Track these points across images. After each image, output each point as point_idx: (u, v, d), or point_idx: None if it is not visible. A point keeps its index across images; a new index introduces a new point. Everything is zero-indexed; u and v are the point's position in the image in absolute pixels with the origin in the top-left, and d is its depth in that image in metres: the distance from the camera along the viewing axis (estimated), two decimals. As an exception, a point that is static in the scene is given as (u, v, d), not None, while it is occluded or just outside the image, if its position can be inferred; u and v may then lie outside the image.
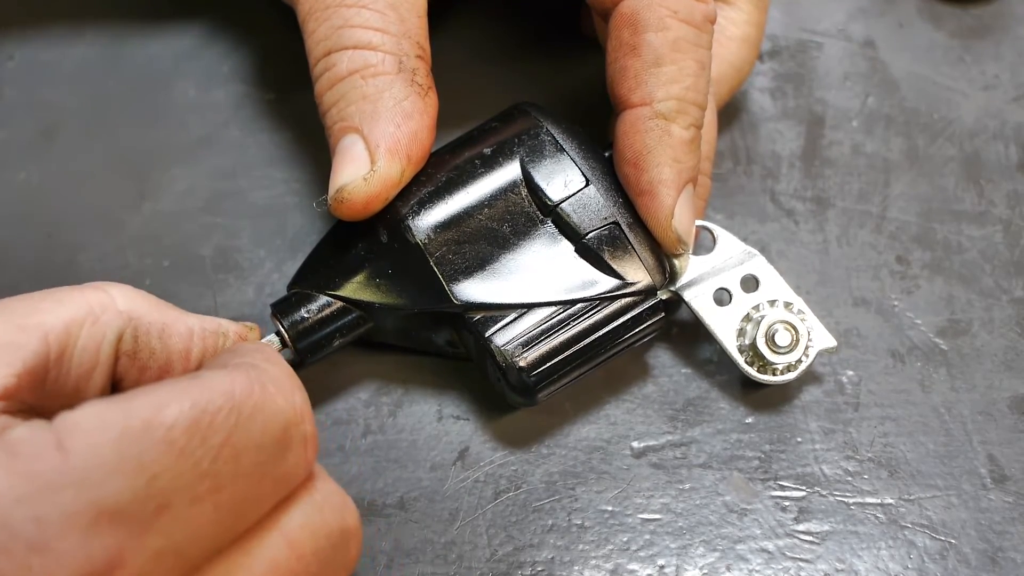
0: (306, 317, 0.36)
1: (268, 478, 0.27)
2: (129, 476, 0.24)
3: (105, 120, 0.44)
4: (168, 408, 0.25)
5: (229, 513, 0.26)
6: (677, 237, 0.36)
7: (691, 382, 0.40)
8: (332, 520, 0.28)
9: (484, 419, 0.39)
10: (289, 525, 0.27)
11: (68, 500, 0.23)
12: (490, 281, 0.36)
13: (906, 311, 0.41)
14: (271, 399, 0.27)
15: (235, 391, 0.26)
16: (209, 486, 0.25)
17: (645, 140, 0.35)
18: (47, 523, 0.23)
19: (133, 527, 0.24)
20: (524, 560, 0.36)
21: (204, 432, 0.25)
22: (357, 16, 0.36)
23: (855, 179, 0.45)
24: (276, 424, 0.27)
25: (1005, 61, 0.48)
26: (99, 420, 0.24)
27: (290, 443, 0.27)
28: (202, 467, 0.25)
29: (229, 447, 0.25)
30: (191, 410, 0.25)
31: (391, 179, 0.35)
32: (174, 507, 0.24)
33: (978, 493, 0.38)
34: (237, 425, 0.26)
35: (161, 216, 0.42)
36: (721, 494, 0.38)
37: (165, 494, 0.24)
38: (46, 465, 0.23)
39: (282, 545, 0.27)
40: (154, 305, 0.32)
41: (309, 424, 0.28)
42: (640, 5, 0.36)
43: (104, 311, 0.30)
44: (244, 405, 0.26)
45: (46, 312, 0.28)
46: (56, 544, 0.23)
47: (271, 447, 0.26)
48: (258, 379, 0.27)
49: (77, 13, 0.47)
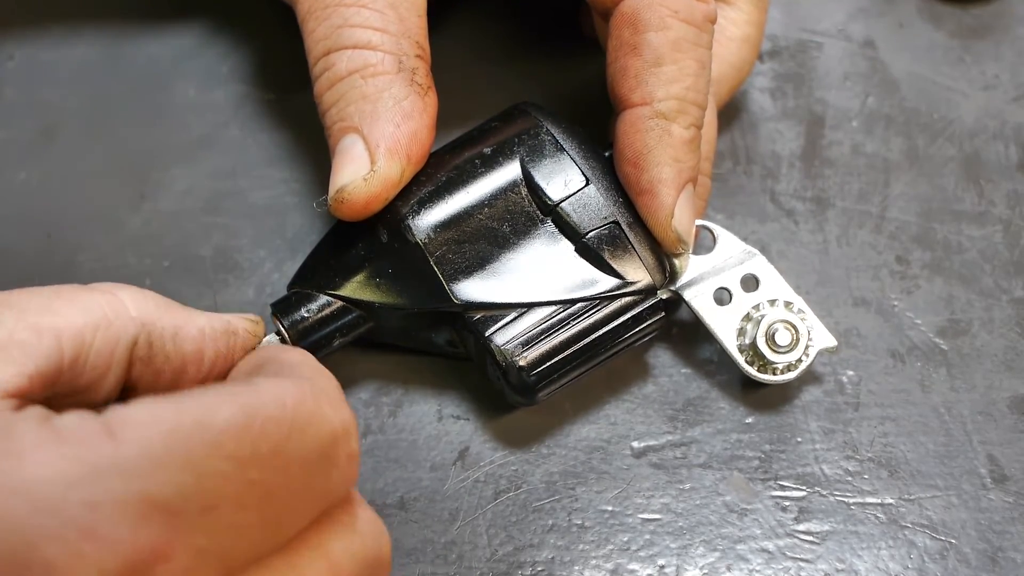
0: (306, 317, 0.36)
1: (313, 493, 0.26)
2: (178, 472, 0.24)
3: (105, 120, 0.44)
4: (220, 410, 0.25)
5: (273, 523, 0.25)
6: (677, 236, 0.36)
7: (691, 382, 0.40)
8: (371, 547, 0.28)
9: (484, 419, 0.39)
10: (330, 548, 0.27)
11: (119, 487, 0.23)
12: (490, 280, 0.36)
13: (906, 311, 0.41)
14: (322, 413, 0.27)
15: (287, 401, 0.26)
16: (257, 494, 0.25)
17: (645, 140, 0.35)
18: (99, 509, 0.23)
19: (180, 523, 0.23)
20: (524, 560, 0.36)
21: (254, 438, 0.25)
22: (356, 15, 0.36)
23: (855, 179, 0.45)
24: (325, 438, 0.26)
25: (1005, 61, 0.48)
26: (151, 414, 0.24)
27: (337, 459, 0.27)
28: (251, 474, 0.25)
29: (279, 457, 0.25)
30: (242, 414, 0.25)
31: (391, 179, 0.35)
32: (220, 510, 0.24)
33: (978, 493, 0.38)
34: (288, 436, 0.25)
35: (161, 216, 0.42)
36: (721, 494, 0.38)
37: (213, 495, 0.24)
38: (97, 452, 0.23)
39: (324, 567, 0.27)
40: (164, 307, 0.31)
41: (355, 442, 0.28)
42: (641, 5, 0.36)
43: (117, 317, 0.30)
44: (296, 416, 0.26)
45: (60, 314, 0.28)
46: (107, 531, 0.23)
47: (318, 461, 0.26)
48: (311, 391, 0.27)
49: (77, 13, 0.47)
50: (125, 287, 0.31)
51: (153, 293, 0.32)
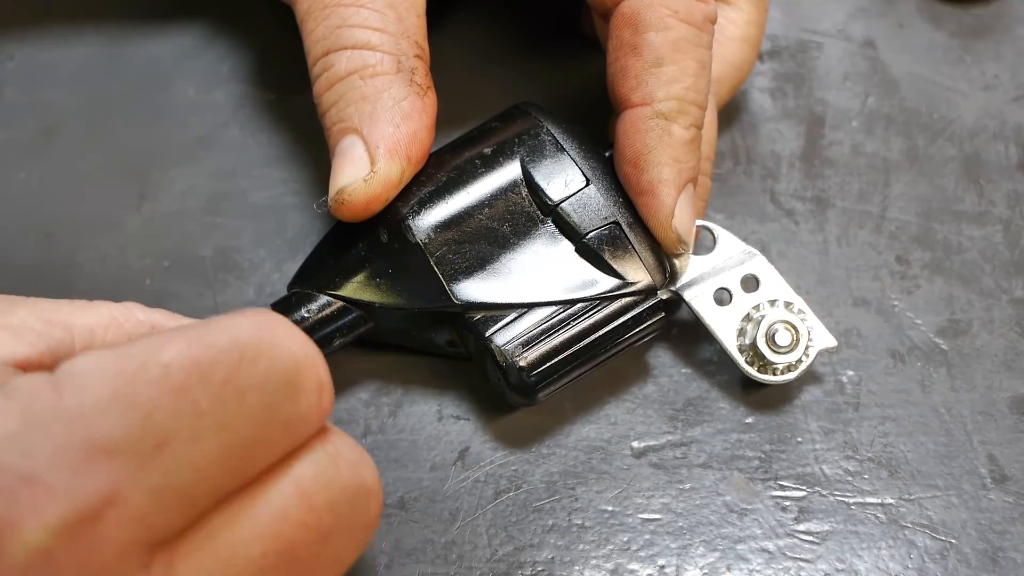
0: (306, 317, 0.36)
1: (277, 421, 0.26)
2: (123, 413, 0.23)
3: (105, 120, 0.44)
4: (165, 348, 0.24)
5: (234, 453, 0.25)
6: (677, 237, 0.36)
7: (691, 382, 0.40)
8: (348, 475, 0.27)
9: (484, 419, 0.39)
10: (300, 474, 0.26)
11: (59, 434, 0.23)
12: (490, 281, 0.36)
13: (906, 311, 0.41)
14: (280, 341, 0.26)
15: (239, 333, 0.25)
16: (211, 424, 0.24)
17: (645, 140, 0.35)
18: (36, 456, 0.22)
19: (129, 463, 0.23)
20: (524, 560, 0.36)
21: (204, 370, 0.24)
22: (355, 16, 0.36)
23: (855, 179, 0.45)
24: (286, 365, 0.26)
25: (1005, 61, 0.48)
26: (95, 363, 0.24)
27: (301, 387, 0.26)
28: (202, 405, 0.24)
29: (231, 385, 0.25)
30: (189, 348, 0.24)
31: (391, 180, 0.35)
32: (173, 444, 0.24)
33: (978, 493, 0.38)
34: (240, 363, 0.25)
35: (161, 216, 0.42)
36: (721, 494, 0.38)
37: (163, 431, 0.23)
38: (39, 404, 0.23)
39: (292, 493, 0.26)
40: (169, 316, 0.31)
41: (323, 372, 0.27)
42: (641, 5, 0.36)
43: (127, 320, 0.30)
44: (248, 344, 0.25)
45: (70, 313, 0.28)
46: (47, 477, 0.22)
47: (280, 388, 0.26)
48: (267, 323, 0.26)
49: (77, 13, 0.47)
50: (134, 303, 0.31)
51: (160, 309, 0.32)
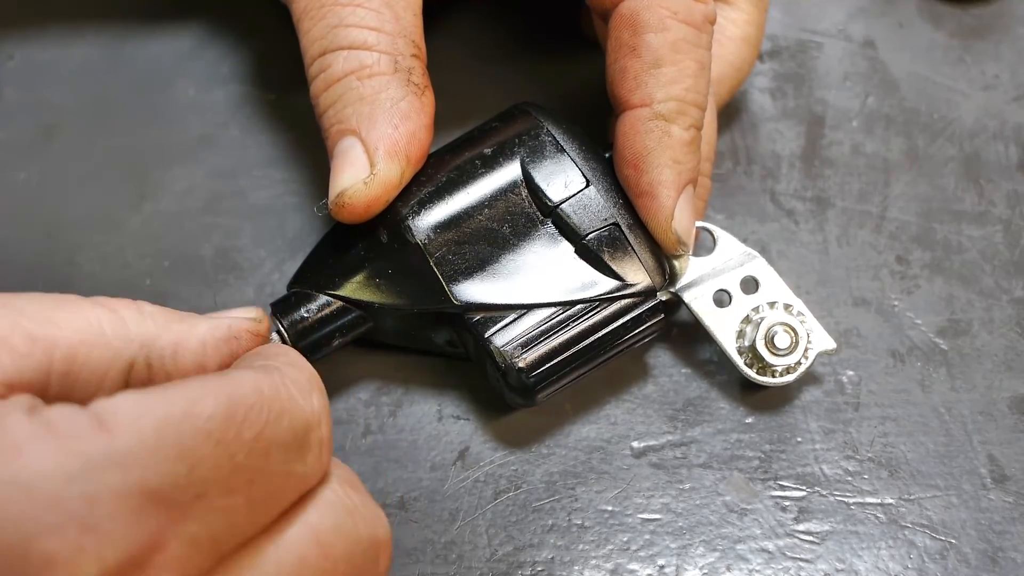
0: (306, 317, 0.36)
1: (292, 476, 0.27)
2: (172, 461, 0.24)
3: (105, 120, 0.44)
4: (205, 400, 0.25)
5: (259, 506, 0.26)
6: (677, 238, 0.36)
7: (691, 382, 0.40)
8: (364, 529, 0.29)
9: (484, 419, 0.39)
10: (319, 524, 0.28)
11: (117, 480, 0.23)
12: (490, 281, 0.36)
13: (906, 311, 0.41)
14: (294, 400, 0.27)
15: (263, 389, 0.27)
16: (243, 478, 0.25)
17: (645, 141, 0.35)
18: (98, 502, 0.23)
19: (174, 512, 0.24)
20: (524, 560, 0.36)
21: (239, 426, 0.25)
22: (352, 15, 0.36)
23: (855, 179, 0.45)
24: (299, 424, 0.27)
25: (1005, 61, 0.48)
26: (140, 406, 0.24)
27: (309, 445, 0.28)
28: (237, 459, 0.25)
29: (261, 442, 0.26)
30: (227, 403, 0.25)
31: (391, 181, 0.35)
32: (210, 496, 0.25)
33: (978, 493, 0.38)
34: (267, 423, 0.26)
35: (161, 216, 0.42)
36: (721, 494, 0.38)
37: (203, 482, 0.24)
38: (92, 445, 0.23)
39: (312, 543, 0.27)
40: (163, 322, 0.31)
41: (326, 428, 0.28)
42: (640, 6, 0.36)
43: (116, 337, 0.29)
44: (272, 404, 0.27)
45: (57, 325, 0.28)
46: (106, 524, 0.23)
47: (294, 446, 0.27)
48: (282, 381, 0.27)
49: (77, 13, 0.47)
50: (126, 304, 0.30)
51: (153, 308, 0.31)
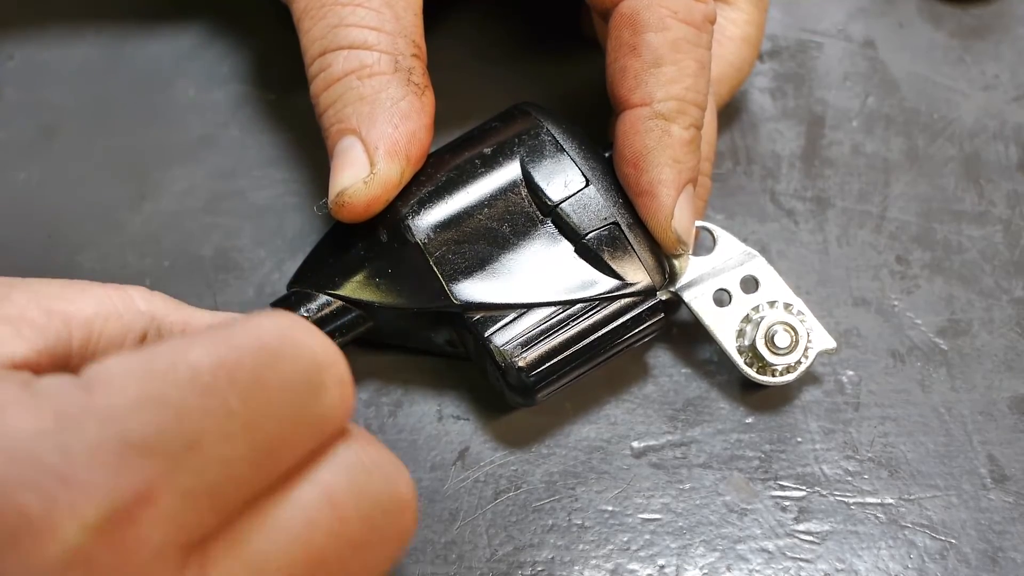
0: (306, 316, 0.36)
1: (302, 419, 0.26)
2: (156, 411, 0.23)
3: (105, 120, 0.44)
4: (193, 349, 0.25)
5: (262, 453, 0.25)
6: (677, 238, 0.36)
7: (691, 382, 0.40)
8: (382, 485, 0.27)
9: (484, 419, 0.39)
10: (332, 483, 0.26)
11: (93, 432, 0.23)
12: (490, 281, 0.36)
13: (906, 311, 0.41)
14: (302, 339, 0.26)
15: (262, 333, 0.26)
16: (240, 424, 0.24)
17: (645, 140, 0.35)
18: (72, 454, 0.22)
19: (162, 463, 0.23)
20: (524, 560, 0.36)
21: (231, 370, 0.24)
22: (352, 15, 0.36)
23: (855, 179, 0.45)
24: (308, 363, 0.26)
25: (1005, 61, 0.48)
26: (125, 363, 0.24)
27: (324, 384, 0.26)
28: (231, 405, 0.24)
29: (259, 385, 0.25)
30: (217, 349, 0.25)
31: (391, 181, 0.35)
32: (204, 445, 0.24)
33: (978, 493, 0.38)
34: (266, 364, 0.25)
35: (161, 216, 0.42)
36: (721, 494, 0.38)
37: (194, 431, 0.24)
38: (70, 403, 0.23)
39: (323, 503, 0.26)
40: (172, 305, 0.32)
41: (344, 369, 0.27)
42: (640, 5, 0.36)
43: (127, 310, 0.30)
44: (272, 344, 0.25)
45: (71, 302, 0.28)
46: (82, 475, 0.22)
47: (304, 386, 0.26)
48: (287, 323, 0.26)
49: (77, 13, 0.47)
50: (135, 287, 0.31)
51: (160, 293, 0.32)
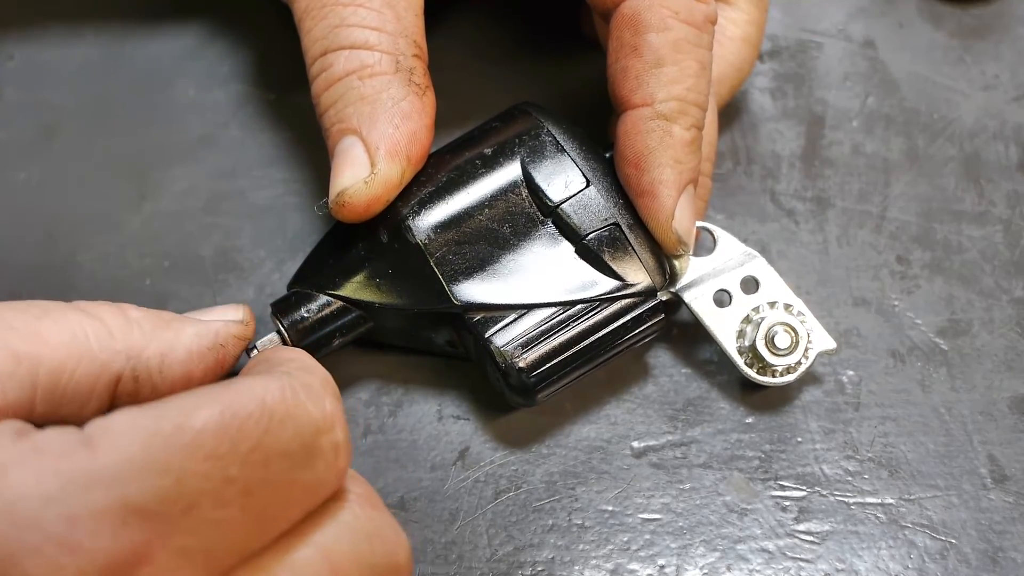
0: (306, 317, 0.36)
1: (297, 485, 0.26)
2: (157, 476, 0.24)
3: (105, 120, 0.44)
4: (198, 412, 0.25)
5: (257, 517, 0.26)
6: (677, 238, 0.36)
7: (691, 382, 0.40)
8: (380, 552, 0.28)
9: (484, 419, 0.39)
10: (331, 547, 0.27)
11: (98, 498, 0.23)
12: (490, 282, 0.36)
13: (906, 311, 0.41)
14: (302, 406, 0.27)
15: (267, 398, 0.26)
16: (237, 490, 0.25)
17: (646, 141, 0.35)
18: (77, 520, 0.23)
19: (160, 525, 0.24)
20: (524, 560, 0.36)
21: (233, 437, 0.25)
22: (353, 15, 0.36)
23: (855, 179, 0.45)
24: (306, 430, 0.27)
25: (1005, 61, 0.48)
26: (130, 423, 0.24)
27: (319, 451, 0.27)
28: (230, 471, 0.25)
29: (258, 453, 0.25)
30: (221, 415, 0.25)
31: (391, 181, 0.35)
32: (201, 508, 0.24)
33: (978, 493, 0.38)
34: (267, 432, 0.26)
35: (161, 216, 0.42)
36: (721, 494, 0.38)
37: (192, 495, 0.24)
38: (74, 464, 0.24)
39: (322, 567, 0.27)
40: (149, 331, 0.31)
41: (340, 431, 0.28)
42: (641, 6, 0.36)
43: (102, 349, 0.29)
44: (275, 412, 0.26)
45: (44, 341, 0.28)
46: (86, 541, 0.23)
47: (301, 453, 0.26)
48: (290, 386, 0.27)
49: (77, 13, 0.47)
50: (112, 311, 0.30)
51: (139, 313, 0.31)
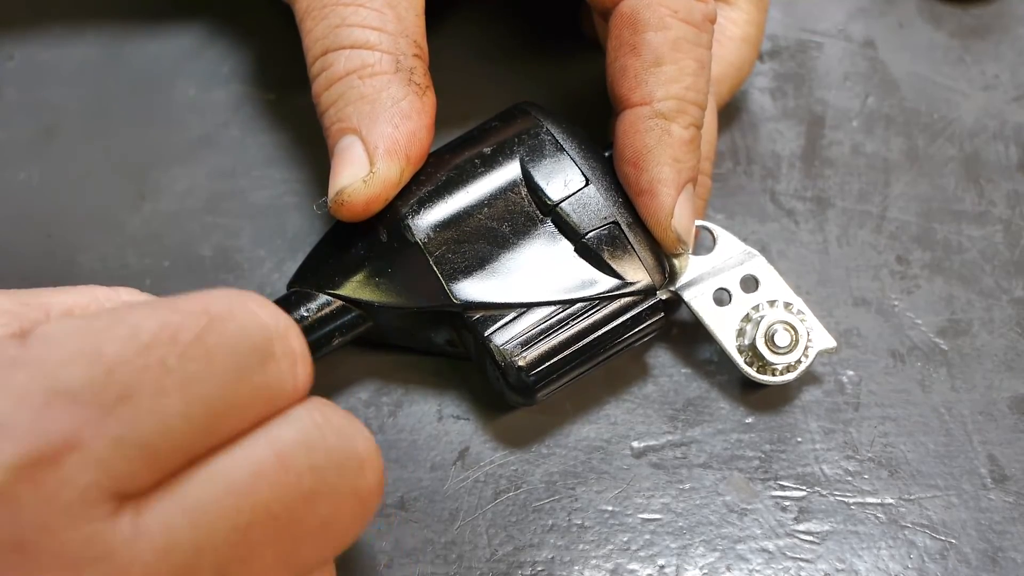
0: (305, 316, 0.36)
1: (247, 384, 0.26)
2: (87, 364, 0.24)
3: (105, 120, 0.44)
4: (136, 310, 0.25)
5: (201, 411, 0.25)
6: (677, 237, 0.36)
7: (691, 382, 0.40)
8: (334, 440, 0.27)
9: (484, 419, 0.39)
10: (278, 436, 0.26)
11: (20, 381, 0.23)
12: (489, 280, 0.36)
13: (906, 311, 0.41)
14: (251, 311, 0.26)
15: (211, 301, 0.26)
16: (177, 380, 0.24)
17: (645, 140, 0.35)
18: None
19: (90, 411, 0.23)
20: (524, 560, 0.36)
21: (172, 330, 0.25)
22: (354, 15, 0.36)
23: (855, 179, 0.45)
24: (255, 331, 0.26)
25: (1005, 61, 0.48)
26: (67, 322, 0.25)
27: (272, 354, 0.26)
28: (169, 362, 0.24)
29: (199, 345, 0.25)
30: (159, 311, 0.25)
31: (391, 180, 0.35)
32: (137, 397, 0.24)
33: (978, 493, 0.38)
34: (209, 326, 0.25)
35: (161, 216, 0.42)
36: (721, 494, 0.37)
37: (126, 384, 0.24)
38: (4, 355, 0.24)
39: (268, 454, 0.26)
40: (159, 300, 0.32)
41: (296, 341, 0.27)
42: (640, 5, 0.36)
43: (108, 300, 0.30)
44: (219, 312, 0.26)
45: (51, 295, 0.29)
46: (5, 420, 0.23)
47: (249, 352, 0.26)
48: (239, 296, 0.27)
49: (77, 13, 0.47)
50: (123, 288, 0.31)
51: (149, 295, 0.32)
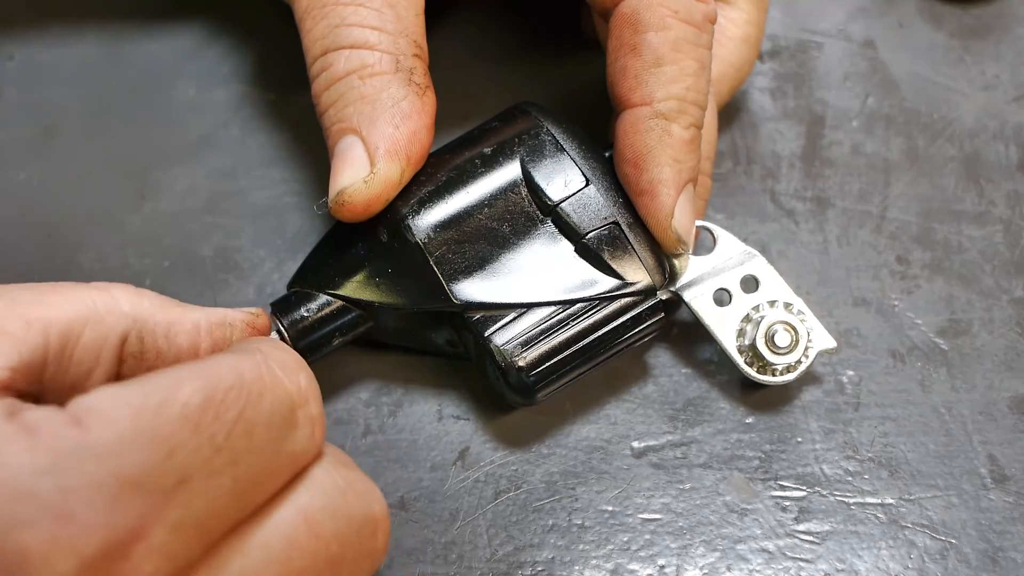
0: (306, 316, 0.36)
1: (279, 455, 0.27)
2: (148, 449, 0.24)
3: (105, 120, 0.44)
4: (182, 386, 0.26)
5: (245, 486, 0.26)
6: (677, 237, 0.36)
7: (691, 382, 0.40)
8: (356, 505, 0.29)
9: (484, 419, 0.39)
10: (306, 504, 0.28)
11: (91, 471, 0.23)
12: (490, 280, 0.36)
13: (906, 311, 0.41)
14: (278, 380, 0.28)
15: (243, 371, 0.27)
16: (225, 460, 0.26)
17: (645, 140, 0.35)
18: (72, 493, 0.23)
19: (154, 499, 0.24)
20: (524, 560, 0.36)
21: (217, 408, 0.26)
22: (354, 15, 0.36)
23: (855, 179, 0.45)
24: (283, 402, 0.28)
25: (1005, 61, 0.48)
26: (114, 399, 0.25)
27: (296, 422, 0.28)
28: (217, 441, 0.25)
29: (242, 422, 0.26)
30: (204, 387, 0.26)
31: (391, 180, 0.35)
32: (193, 480, 0.25)
33: (978, 493, 0.38)
34: (248, 402, 0.26)
35: (161, 216, 0.42)
36: (721, 494, 0.38)
37: (184, 467, 0.25)
38: (66, 440, 0.24)
39: (300, 523, 0.27)
40: (158, 304, 0.32)
41: (315, 405, 0.29)
42: (640, 5, 0.36)
43: (109, 312, 0.30)
44: (253, 384, 0.27)
45: (51, 306, 0.29)
46: (81, 513, 0.23)
47: (280, 425, 0.27)
48: (264, 362, 0.28)
49: (77, 13, 0.47)
50: (121, 285, 0.32)
51: (151, 292, 0.32)
